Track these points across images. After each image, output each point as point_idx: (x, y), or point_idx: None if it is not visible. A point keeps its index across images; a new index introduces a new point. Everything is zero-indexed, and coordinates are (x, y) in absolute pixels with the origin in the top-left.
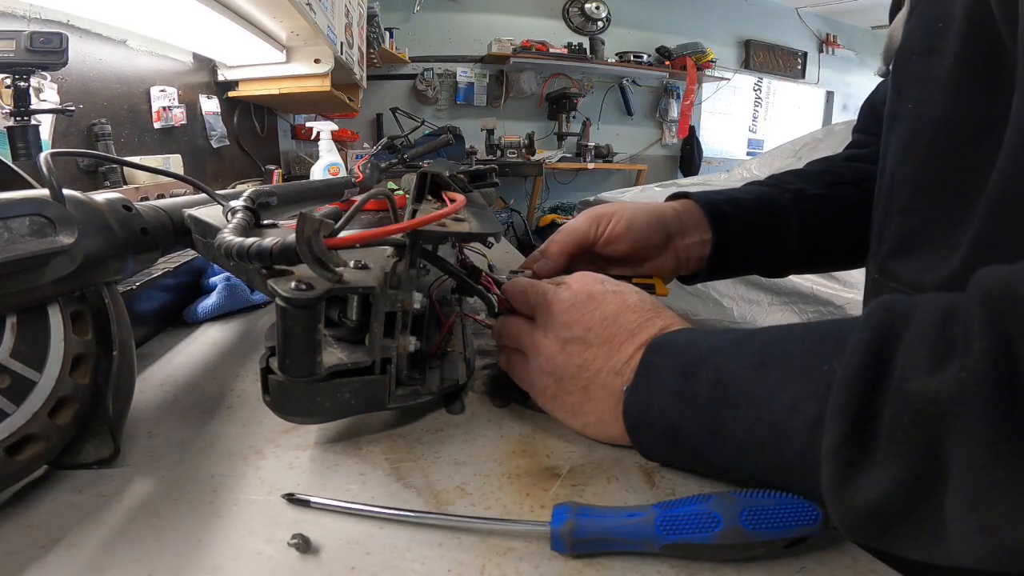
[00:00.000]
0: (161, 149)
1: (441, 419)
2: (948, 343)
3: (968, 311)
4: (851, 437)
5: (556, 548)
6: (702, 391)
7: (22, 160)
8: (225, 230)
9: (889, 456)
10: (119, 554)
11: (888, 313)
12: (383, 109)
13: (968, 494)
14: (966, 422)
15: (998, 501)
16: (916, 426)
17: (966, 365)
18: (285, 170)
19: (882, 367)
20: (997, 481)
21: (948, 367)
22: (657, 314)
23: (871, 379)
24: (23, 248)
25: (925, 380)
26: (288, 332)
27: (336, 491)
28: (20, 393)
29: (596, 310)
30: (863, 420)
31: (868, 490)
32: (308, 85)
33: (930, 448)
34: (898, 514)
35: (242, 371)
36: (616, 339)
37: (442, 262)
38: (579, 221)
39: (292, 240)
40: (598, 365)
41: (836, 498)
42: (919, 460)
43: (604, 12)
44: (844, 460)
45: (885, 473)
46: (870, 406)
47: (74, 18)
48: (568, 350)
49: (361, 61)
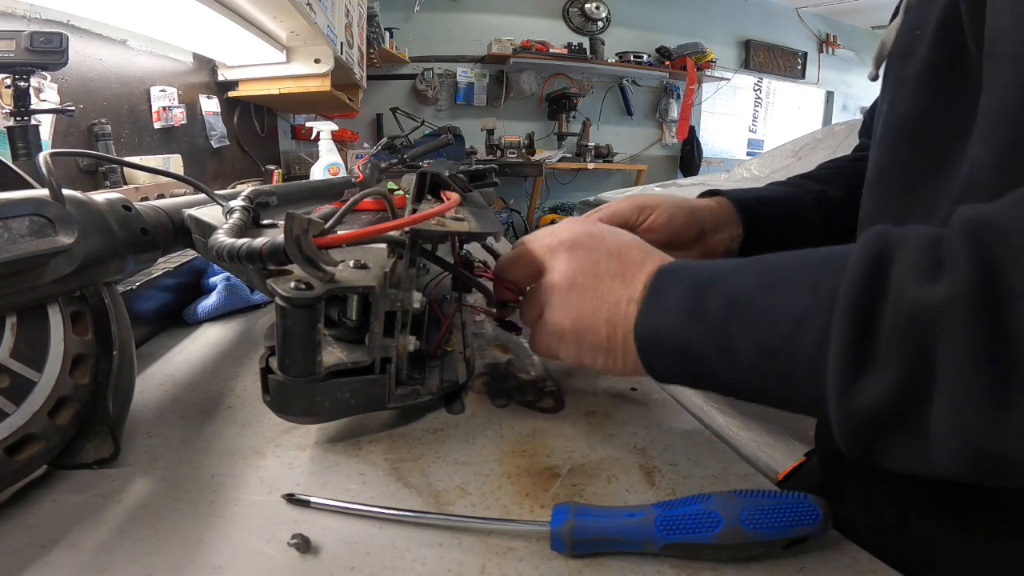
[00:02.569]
0: (161, 149)
1: (441, 419)
2: (937, 262)
3: (953, 237)
4: (855, 342)
5: (556, 548)
6: (712, 308)
7: (22, 160)
8: (219, 231)
9: (888, 359)
10: (119, 554)
11: (883, 237)
12: (383, 109)
13: (950, 397)
14: (954, 330)
15: (976, 406)
16: (911, 331)
17: (954, 281)
18: (285, 170)
19: (880, 281)
20: (977, 386)
21: (938, 282)
22: (654, 250)
23: (871, 291)
24: (23, 248)
25: (919, 292)
26: (288, 332)
27: (336, 491)
28: (20, 393)
29: (600, 244)
30: (865, 327)
31: (868, 392)
32: (308, 85)
33: (923, 352)
34: (893, 418)
35: (242, 371)
36: (627, 271)
37: (439, 259)
38: (623, 205)
39: (281, 240)
40: (617, 295)
41: (840, 403)
42: (913, 363)
43: (604, 12)
44: (848, 363)
45: (884, 375)
46: (871, 315)
47: (74, 18)
48: (580, 283)
49: (361, 61)
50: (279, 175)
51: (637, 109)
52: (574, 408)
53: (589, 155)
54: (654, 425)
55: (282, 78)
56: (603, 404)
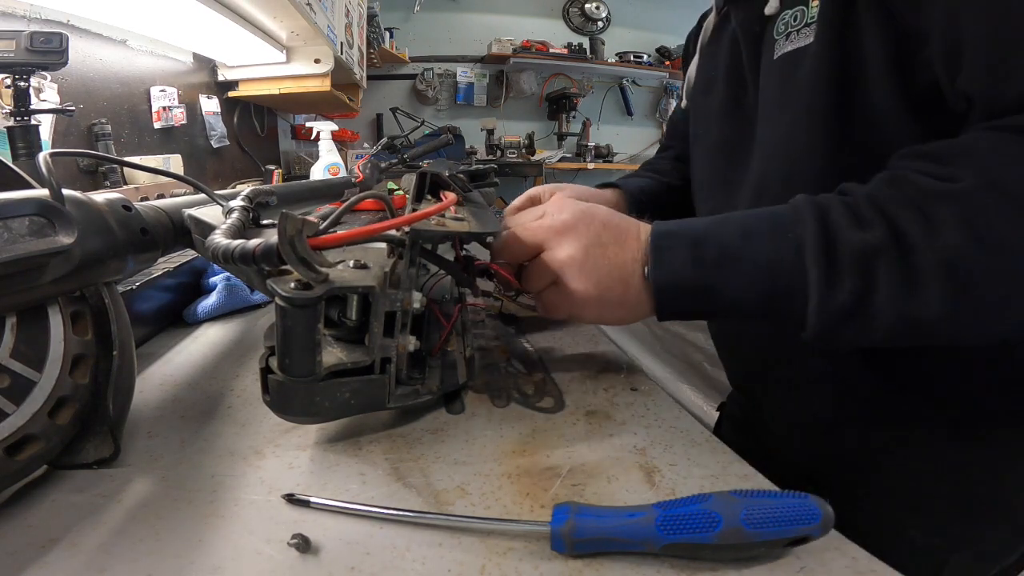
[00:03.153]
0: (161, 149)
1: (441, 419)
2: (856, 218)
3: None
4: (827, 268)
5: (556, 548)
6: (709, 257)
7: (22, 160)
8: (216, 232)
9: (849, 276)
10: (119, 554)
11: (812, 203)
12: (383, 109)
13: (887, 291)
14: (885, 256)
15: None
16: (860, 259)
17: (876, 232)
18: (285, 170)
19: (831, 230)
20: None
21: (867, 231)
22: (629, 218)
23: (828, 238)
24: (23, 248)
25: (858, 236)
26: (288, 332)
27: (336, 491)
28: (20, 393)
29: (594, 219)
30: (832, 259)
31: (838, 298)
32: (308, 85)
33: (868, 270)
34: (854, 310)
35: (242, 371)
36: (623, 238)
37: (438, 258)
38: (536, 190)
39: (275, 241)
40: (622, 258)
41: (821, 307)
42: (863, 276)
43: (604, 12)
44: (824, 282)
45: (846, 286)
46: (833, 252)
47: (74, 18)
48: (592, 253)
49: (361, 61)
50: (279, 175)
51: (637, 109)
52: (574, 408)
53: (589, 155)
54: (654, 425)
55: (282, 78)
56: (603, 404)
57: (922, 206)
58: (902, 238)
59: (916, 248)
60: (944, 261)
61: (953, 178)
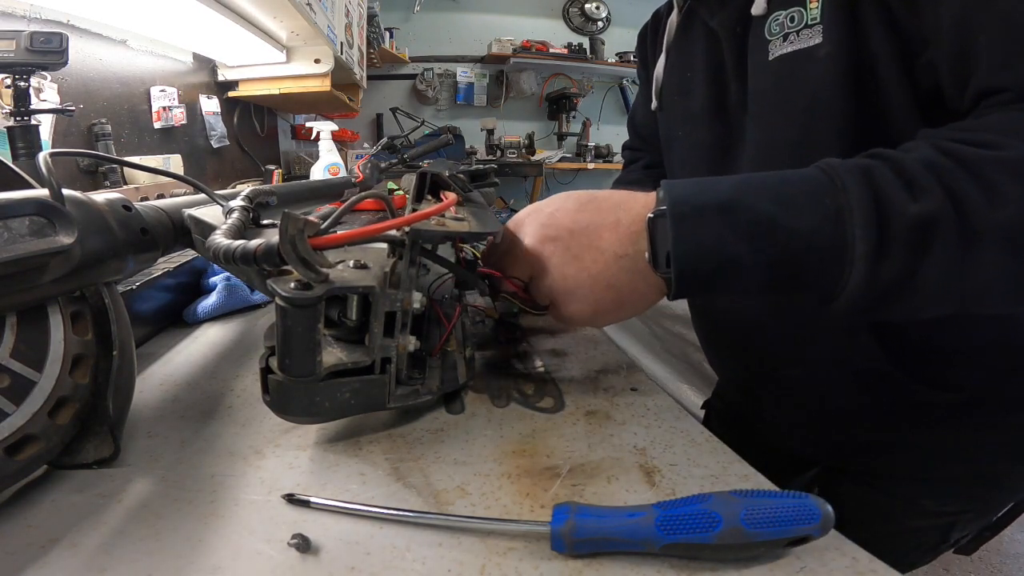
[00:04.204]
0: (161, 149)
1: (441, 419)
2: (910, 187)
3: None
4: (879, 242)
5: (556, 548)
6: (742, 228)
7: (22, 160)
8: (217, 232)
9: (904, 245)
10: (119, 554)
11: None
12: (383, 109)
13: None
14: (942, 229)
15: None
16: (917, 228)
17: (931, 202)
18: (285, 170)
19: (881, 202)
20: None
21: (920, 202)
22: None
23: (880, 207)
24: (23, 248)
25: (913, 208)
26: (288, 332)
27: (336, 491)
28: (20, 393)
29: (559, 234)
30: (884, 231)
31: (887, 272)
32: (308, 85)
33: (922, 244)
34: (901, 284)
35: (242, 371)
36: (597, 236)
37: (439, 258)
38: None
39: (276, 242)
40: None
41: (868, 279)
42: (916, 250)
43: (604, 12)
44: (873, 254)
45: (901, 257)
46: (885, 221)
47: (74, 18)
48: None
49: (361, 61)
50: (279, 175)
51: None
52: (574, 408)
53: (589, 155)
54: (654, 425)
55: (282, 78)
56: (603, 404)
57: (980, 173)
58: (961, 206)
59: (977, 215)
60: (1005, 226)
61: (1000, 146)
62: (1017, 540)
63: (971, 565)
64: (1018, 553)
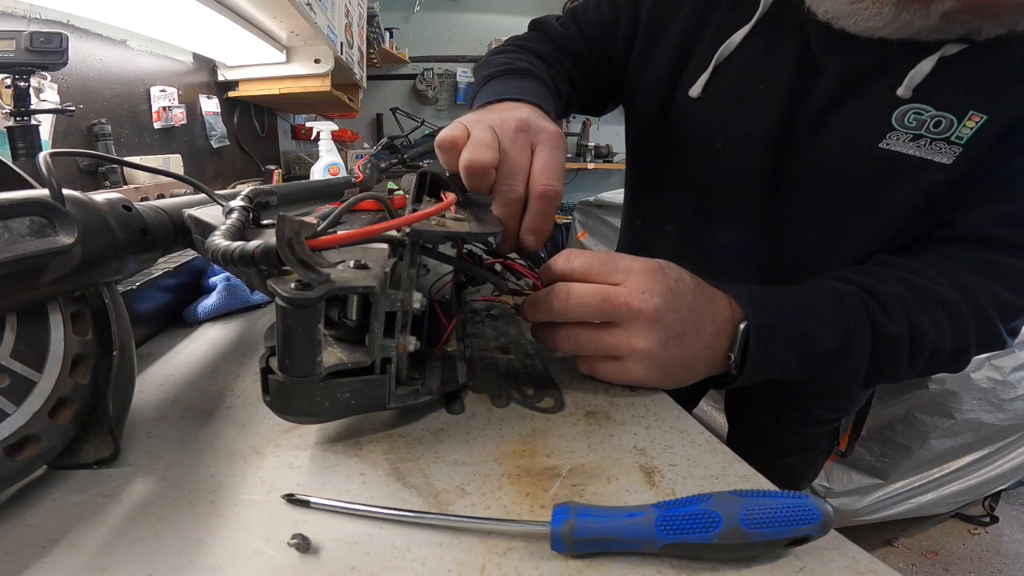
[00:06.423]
0: (161, 149)
1: (441, 419)
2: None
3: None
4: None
5: (556, 548)
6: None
7: (22, 160)
8: (216, 233)
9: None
10: (119, 554)
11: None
12: (383, 109)
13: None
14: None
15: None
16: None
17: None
18: (285, 170)
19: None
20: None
21: (895, 325)
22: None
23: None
24: (23, 248)
25: (892, 327)
26: (288, 332)
27: (336, 491)
28: (20, 393)
29: (682, 306)
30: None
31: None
32: (308, 85)
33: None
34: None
35: (242, 371)
36: (702, 325)
37: (445, 256)
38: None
39: (274, 243)
40: (695, 350)
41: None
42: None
43: None
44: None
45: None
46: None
47: (74, 18)
48: (670, 345)
49: (361, 61)
50: (279, 175)
51: None
52: (574, 408)
53: (589, 155)
54: (654, 425)
55: (282, 78)
56: (603, 404)
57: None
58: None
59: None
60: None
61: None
62: (1017, 540)
63: (971, 565)
64: (1018, 553)
